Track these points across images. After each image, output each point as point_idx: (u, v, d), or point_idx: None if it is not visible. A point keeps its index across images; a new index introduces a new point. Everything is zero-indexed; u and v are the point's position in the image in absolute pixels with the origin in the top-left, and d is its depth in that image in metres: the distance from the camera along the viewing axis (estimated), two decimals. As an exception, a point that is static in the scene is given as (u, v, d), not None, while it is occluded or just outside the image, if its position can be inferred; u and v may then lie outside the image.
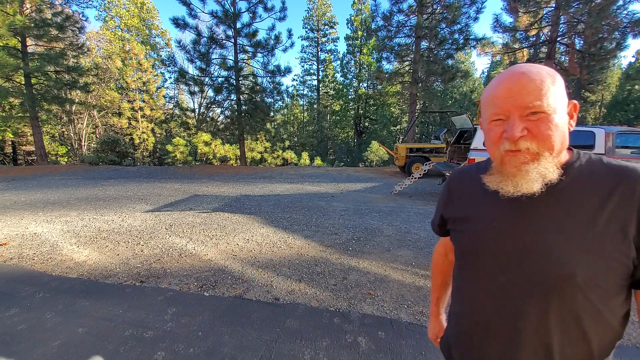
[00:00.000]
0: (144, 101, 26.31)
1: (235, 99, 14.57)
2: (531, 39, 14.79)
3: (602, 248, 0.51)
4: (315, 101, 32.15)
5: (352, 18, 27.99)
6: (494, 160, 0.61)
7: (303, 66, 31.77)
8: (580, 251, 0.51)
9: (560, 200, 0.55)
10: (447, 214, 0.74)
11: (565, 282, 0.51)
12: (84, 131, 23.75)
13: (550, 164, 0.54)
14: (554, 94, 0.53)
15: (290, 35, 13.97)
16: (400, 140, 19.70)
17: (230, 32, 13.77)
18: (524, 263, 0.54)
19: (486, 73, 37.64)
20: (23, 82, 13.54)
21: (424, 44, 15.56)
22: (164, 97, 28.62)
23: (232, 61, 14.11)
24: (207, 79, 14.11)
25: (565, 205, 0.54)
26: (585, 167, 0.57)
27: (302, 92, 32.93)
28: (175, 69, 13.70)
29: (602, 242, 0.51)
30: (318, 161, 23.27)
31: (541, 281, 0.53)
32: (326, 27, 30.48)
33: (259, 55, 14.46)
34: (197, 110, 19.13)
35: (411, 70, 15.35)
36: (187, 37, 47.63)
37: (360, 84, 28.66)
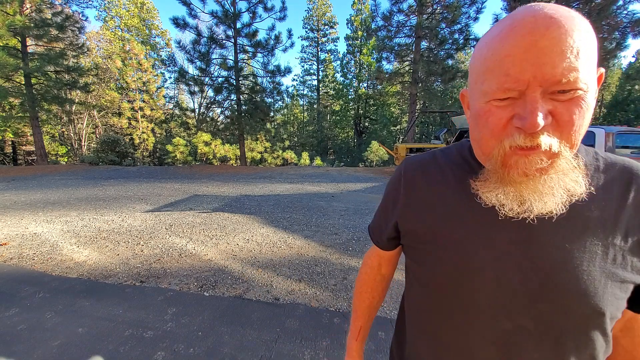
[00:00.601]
0: (144, 101, 26.34)
1: (235, 99, 14.58)
2: (531, 39, 14.79)
3: (625, 270, 0.39)
4: (315, 101, 32.18)
5: (352, 18, 28.04)
6: (486, 159, 0.41)
7: (303, 66, 31.86)
8: (607, 279, 0.38)
9: (572, 211, 0.40)
10: (405, 224, 0.52)
11: (592, 322, 0.39)
12: (84, 131, 23.77)
13: (575, 171, 0.38)
14: (593, 56, 0.35)
15: (290, 35, 13.99)
16: (400, 140, 19.70)
17: (230, 32, 13.79)
18: (539, 302, 0.39)
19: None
20: (23, 82, 13.55)
21: (424, 44, 15.57)
22: (164, 97, 28.69)
23: (232, 61, 14.12)
24: (207, 79, 14.12)
25: (581, 218, 0.40)
26: (591, 165, 0.43)
27: (302, 92, 33.00)
28: (175, 69, 13.73)
29: (624, 263, 0.39)
30: (318, 161, 23.28)
31: (562, 324, 0.39)
32: (326, 27, 30.52)
33: (259, 55, 14.49)
34: (197, 110, 19.14)
35: (411, 70, 15.36)
36: (187, 37, 47.71)
37: (360, 84, 28.70)
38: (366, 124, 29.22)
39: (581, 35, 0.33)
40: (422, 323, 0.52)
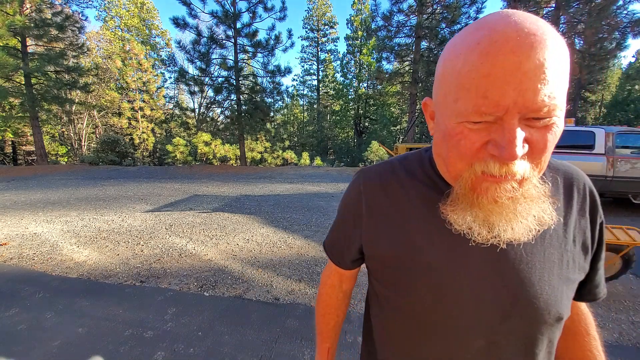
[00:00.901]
0: (144, 101, 26.33)
1: (235, 99, 14.58)
2: (531, 39, 14.80)
3: (575, 272, 0.42)
4: (315, 101, 32.17)
5: (352, 18, 28.02)
6: (453, 180, 0.39)
7: (303, 66, 31.83)
8: (563, 285, 0.41)
9: None
10: (371, 248, 0.50)
11: (554, 327, 0.42)
12: (84, 131, 23.77)
13: (544, 200, 0.37)
14: (567, 79, 0.33)
15: (290, 35, 13.99)
16: (400, 140, 19.69)
17: (230, 32, 13.79)
18: (511, 318, 0.40)
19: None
20: (23, 82, 13.56)
21: (424, 44, 15.58)
22: (164, 97, 28.67)
23: (232, 61, 14.12)
24: (207, 79, 14.12)
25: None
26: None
27: (302, 92, 32.97)
28: (175, 69, 13.74)
29: (574, 265, 0.42)
30: (318, 161, 23.26)
31: (530, 335, 0.41)
32: (326, 27, 30.50)
33: (259, 55, 14.49)
34: (197, 110, 19.17)
35: (411, 70, 15.36)
36: (187, 37, 47.67)
37: (360, 84, 28.68)
38: (366, 124, 29.19)
39: (560, 57, 0.31)
40: (394, 343, 0.50)
